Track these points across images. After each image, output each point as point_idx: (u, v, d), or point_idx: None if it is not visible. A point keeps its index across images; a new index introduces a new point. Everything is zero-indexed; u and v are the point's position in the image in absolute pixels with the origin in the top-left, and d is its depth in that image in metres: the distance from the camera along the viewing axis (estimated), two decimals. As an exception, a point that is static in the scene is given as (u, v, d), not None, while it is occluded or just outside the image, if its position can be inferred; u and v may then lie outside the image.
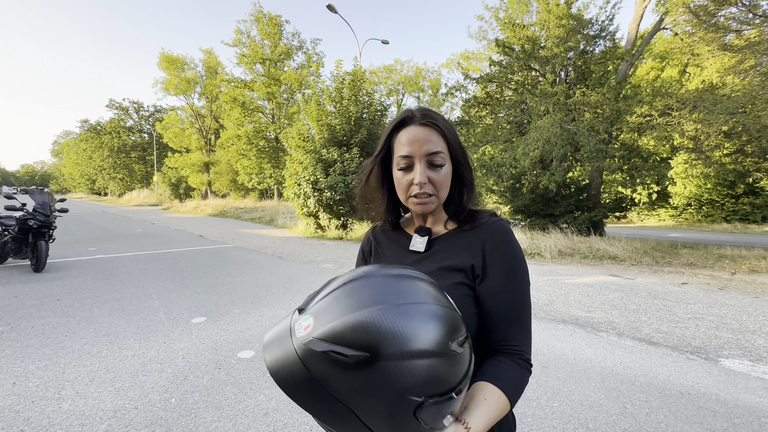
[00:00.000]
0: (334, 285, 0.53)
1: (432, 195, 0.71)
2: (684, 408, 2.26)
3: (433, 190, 0.71)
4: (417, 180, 0.70)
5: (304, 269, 6.29)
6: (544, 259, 7.59)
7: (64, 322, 3.53)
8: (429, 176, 0.70)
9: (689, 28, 8.68)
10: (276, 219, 15.61)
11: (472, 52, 27.31)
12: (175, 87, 28.34)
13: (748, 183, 15.88)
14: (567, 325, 3.72)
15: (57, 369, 2.61)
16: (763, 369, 2.80)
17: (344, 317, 0.47)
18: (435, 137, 0.70)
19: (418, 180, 0.70)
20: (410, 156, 0.70)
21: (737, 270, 6.31)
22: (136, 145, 44.45)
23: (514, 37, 10.80)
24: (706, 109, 7.29)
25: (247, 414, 2.13)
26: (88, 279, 5.25)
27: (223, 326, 3.51)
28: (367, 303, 0.48)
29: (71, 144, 56.13)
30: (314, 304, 0.52)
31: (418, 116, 0.72)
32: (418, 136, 0.70)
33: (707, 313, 4.11)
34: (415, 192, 0.71)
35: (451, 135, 0.73)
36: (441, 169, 0.71)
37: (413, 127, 0.71)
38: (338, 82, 10.93)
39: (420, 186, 0.70)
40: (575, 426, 2.07)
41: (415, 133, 0.70)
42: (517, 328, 0.70)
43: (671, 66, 16.95)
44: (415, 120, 0.72)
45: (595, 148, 8.21)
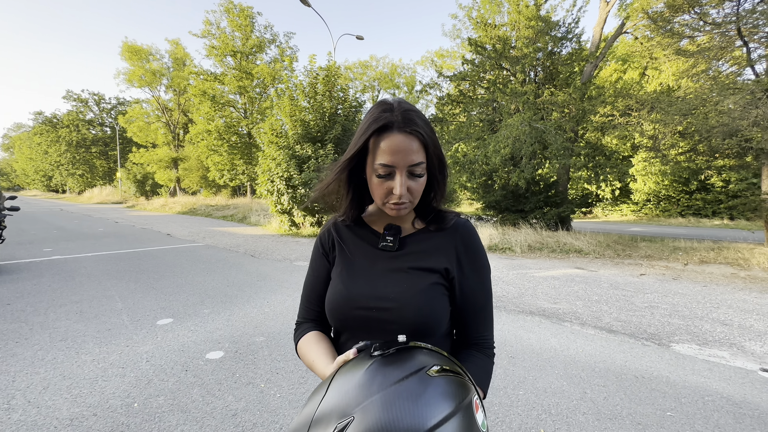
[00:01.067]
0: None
1: (408, 202, 0.72)
2: (638, 391, 2.41)
3: (409, 198, 0.71)
4: (398, 191, 0.68)
5: (277, 267, 6.19)
6: (515, 253, 7.84)
7: (14, 327, 3.31)
8: (409, 185, 0.70)
9: (648, 33, 9.17)
10: (249, 216, 15.24)
11: (446, 51, 27.65)
12: (140, 79, 26.96)
13: (700, 180, 17.02)
14: (534, 317, 3.86)
15: (6, 378, 2.44)
16: (708, 352, 3.03)
17: None
18: (416, 146, 0.68)
19: (399, 191, 0.68)
20: (392, 166, 0.68)
21: (689, 261, 6.77)
22: (97, 140, 41.95)
23: (486, 37, 11.03)
24: (662, 110, 7.74)
25: (214, 416, 2.08)
26: (43, 281, 4.94)
27: (191, 327, 3.41)
28: None
29: (24, 138, 52.31)
30: None
31: (400, 120, 0.68)
32: (401, 146, 0.67)
33: (662, 302, 4.39)
34: (394, 200, 0.70)
35: (431, 142, 0.71)
36: (420, 179, 0.71)
37: (397, 135, 0.67)
38: (312, 77, 10.77)
39: (399, 197, 0.69)
40: (539, 412, 2.16)
41: (398, 143, 0.67)
42: (486, 323, 0.77)
43: (632, 69, 17.86)
44: (397, 125, 0.67)
45: (561, 146, 8.54)
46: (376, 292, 0.72)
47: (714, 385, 2.50)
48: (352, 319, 0.73)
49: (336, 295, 0.76)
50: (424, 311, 0.69)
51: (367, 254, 0.78)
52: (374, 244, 0.79)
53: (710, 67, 8.40)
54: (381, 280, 0.73)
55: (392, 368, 0.49)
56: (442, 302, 0.72)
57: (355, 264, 0.78)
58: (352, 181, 0.78)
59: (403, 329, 0.68)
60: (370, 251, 0.78)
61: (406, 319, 0.69)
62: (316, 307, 0.83)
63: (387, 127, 0.68)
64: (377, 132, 0.69)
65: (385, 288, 0.72)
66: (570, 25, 10.24)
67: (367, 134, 0.69)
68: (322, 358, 0.72)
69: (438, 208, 0.80)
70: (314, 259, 0.86)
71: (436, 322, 0.71)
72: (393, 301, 0.70)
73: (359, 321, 0.72)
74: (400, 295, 0.70)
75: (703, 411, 2.19)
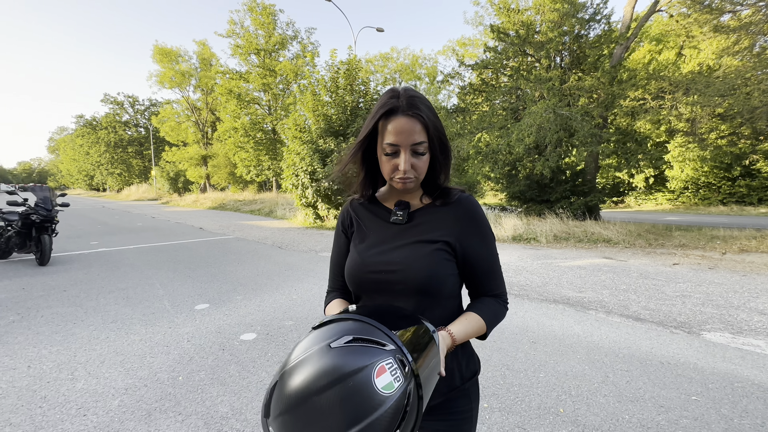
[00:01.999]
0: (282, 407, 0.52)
1: (413, 178, 0.82)
2: (663, 376, 2.39)
3: (414, 175, 0.81)
4: (402, 167, 0.79)
5: (303, 258, 6.41)
6: (540, 243, 7.72)
7: (71, 311, 3.66)
8: (412, 163, 0.79)
9: (684, 10, 8.64)
10: (275, 210, 15.71)
11: (468, 39, 27.05)
12: (170, 80, 28.10)
13: (744, 165, 15.94)
14: (558, 305, 3.85)
15: (68, 353, 2.74)
16: (742, 340, 2.94)
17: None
18: (419, 128, 0.77)
19: (403, 167, 0.79)
20: (397, 145, 0.78)
21: (728, 250, 6.44)
22: (132, 140, 44.22)
23: (509, 23, 10.75)
24: (699, 92, 7.33)
25: (250, 389, 2.26)
26: (93, 271, 5.37)
27: (226, 312, 3.64)
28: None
29: (67, 140, 55.81)
30: (273, 421, 0.54)
31: (404, 105, 0.77)
32: (405, 127, 0.77)
33: (695, 291, 4.24)
34: (399, 176, 0.81)
35: (432, 125, 0.79)
36: (422, 157, 0.80)
37: (401, 117, 0.77)
38: (333, 71, 10.90)
39: (404, 172, 0.79)
40: (558, 393, 2.20)
41: (402, 125, 0.77)
42: (496, 280, 0.88)
43: (667, 49, 16.83)
44: (402, 110, 0.77)
45: (589, 133, 8.26)
46: (384, 257, 0.83)
47: (745, 372, 2.44)
48: (365, 282, 0.85)
49: (351, 263, 0.88)
50: (425, 272, 0.79)
51: (379, 227, 0.90)
52: (386, 218, 0.90)
53: (755, 43, 7.85)
54: (390, 248, 0.85)
55: (313, 339, 0.56)
56: (444, 265, 0.82)
57: (369, 236, 0.90)
58: (365, 162, 0.90)
59: (408, 289, 0.79)
60: (382, 225, 0.90)
61: (411, 280, 0.79)
62: (340, 278, 0.97)
63: (393, 111, 0.78)
64: (384, 116, 0.79)
65: (392, 254, 0.83)
66: (598, 5, 9.79)
67: (375, 118, 0.80)
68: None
69: (444, 185, 0.89)
70: (336, 236, 0.99)
71: (438, 283, 0.80)
72: (398, 265, 0.81)
73: (372, 283, 0.83)
74: (404, 259, 0.81)
75: (731, 396, 2.15)
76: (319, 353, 0.53)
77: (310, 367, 0.52)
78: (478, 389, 0.87)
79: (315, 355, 0.53)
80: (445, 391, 0.80)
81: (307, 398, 0.50)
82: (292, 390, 0.52)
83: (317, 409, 0.50)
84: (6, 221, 5.99)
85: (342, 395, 0.50)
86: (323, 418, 0.50)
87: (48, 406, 2.07)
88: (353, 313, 0.60)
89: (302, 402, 0.51)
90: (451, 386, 0.81)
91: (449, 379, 0.81)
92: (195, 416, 1.99)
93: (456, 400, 0.82)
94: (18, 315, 3.53)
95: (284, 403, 0.52)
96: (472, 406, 0.84)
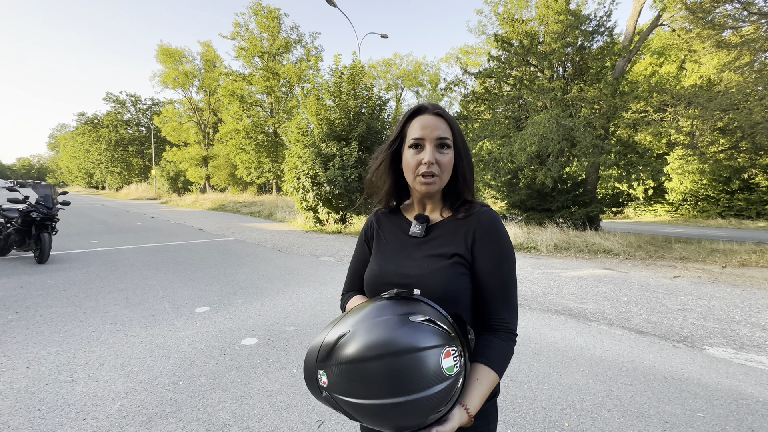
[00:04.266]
0: (346, 356, 0.60)
1: (437, 176, 0.82)
2: (667, 391, 2.38)
3: (438, 171, 0.82)
4: (426, 159, 0.80)
5: (303, 262, 6.39)
6: (540, 252, 7.72)
7: (71, 311, 3.63)
8: (436, 158, 0.81)
9: (686, 25, 8.74)
10: (275, 213, 15.68)
11: (471, 47, 27.25)
12: (173, 80, 28.19)
13: (743, 179, 16.03)
14: (560, 316, 3.84)
15: (68, 354, 2.71)
16: (745, 356, 2.93)
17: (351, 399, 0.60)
18: (444, 126, 0.82)
19: (428, 159, 0.80)
20: (422, 138, 0.81)
21: (728, 264, 6.45)
22: (133, 139, 44.22)
23: (513, 32, 10.84)
24: (700, 106, 7.39)
25: (252, 395, 2.23)
26: (92, 270, 5.34)
27: (226, 315, 3.61)
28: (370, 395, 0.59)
29: (68, 137, 55.78)
30: (329, 366, 0.63)
31: (430, 108, 0.84)
32: (430, 123, 0.81)
33: (696, 305, 4.24)
34: (423, 171, 0.81)
35: (456, 129, 0.85)
36: (447, 154, 0.82)
37: (426, 115, 0.83)
38: (337, 76, 10.95)
39: (428, 165, 0.80)
40: (563, 407, 2.19)
41: (428, 120, 0.82)
42: (504, 306, 0.81)
43: (669, 62, 17.00)
44: (428, 111, 0.83)
45: (591, 144, 8.31)
46: (399, 270, 0.84)
47: (750, 389, 2.43)
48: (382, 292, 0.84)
49: (370, 273, 0.90)
50: (441, 287, 0.78)
51: (398, 239, 0.91)
52: (406, 231, 0.91)
53: (756, 59, 7.93)
54: (406, 261, 0.85)
55: (388, 308, 0.63)
56: (458, 280, 0.80)
57: (388, 248, 0.91)
58: (392, 172, 0.92)
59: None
60: (401, 237, 0.90)
61: (426, 294, 0.79)
62: (358, 282, 0.99)
63: (419, 111, 0.85)
64: (411, 116, 0.85)
65: (407, 267, 0.83)
66: (602, 18, 9.90)
67: (404, 119, 0.86)
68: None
69: (466, 197, 0.88)
70: (358, 244, 1.01)
71: (453, 297, 0.79)
72: (413, 278, 0.81)
73: None
74: (420, 272, 0.81)
75: (736, 413, 2.14)
76: (398, 321, 0.59)
77: (389, 330, 0.58)
78: (496, 411, 0.86)
79: (395, 322, 0.59)
80: None
81: (383, 356, 0.57)
82: (367, 343, 0.58)
83: (391, 369, 0.57)
84: (6, 218, 5.96)
85: (415, 364, 0.57)
86: (394, 378, 0.57)
87: (47, 409, 2.04)
88: (428, 299, 0.67)
89: (377, 358, 0.57)
90: None
91: None
92: (196, 422, 1.97)
93: (475, 420, 0.79)
94: (16, 314, 3.50)
95: (357, 353, 0.58)
96: (491, 428, 0.83)
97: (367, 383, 0.58)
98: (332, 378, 0.61)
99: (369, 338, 0.58)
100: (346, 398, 0.60)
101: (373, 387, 0.58)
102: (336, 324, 0.66)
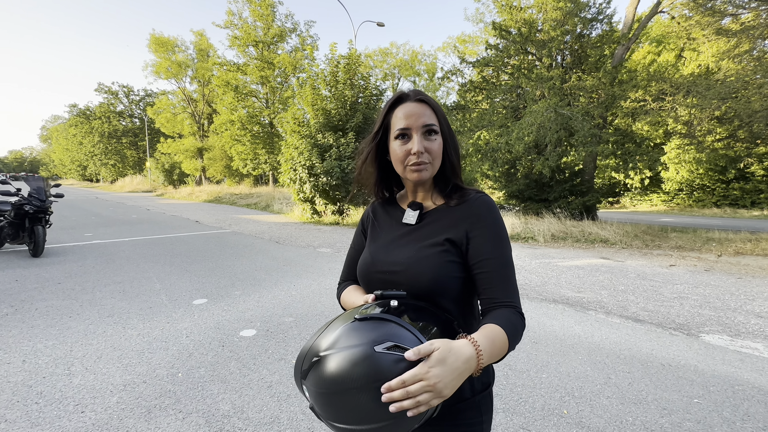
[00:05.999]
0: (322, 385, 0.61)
1: (428, 163, 0.79)
2: (664, 378, 2.40)
3: (429, 159, 0.79)
4: (415, 148, 0.77)
5: (301, 253, 6.37)
6: (538, 242, 7.74)
7: (67, 304, 3.60)
8: (425, 145, 0.78)
9: (686, 12, 8.65)
10: (272, 205, 15.61)
11: (468, 36, 26.94)
12: (166, 70, 27.69)
13: (739, 168, 16.08)
14: (558, 305, 3.86)
15: (64, 347, 2.69)
16: (741, 343, 2.96)
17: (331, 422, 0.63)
18: (428, 112, 0.79)
19: (417, 148, 0.77)
20: (408, 128, 0.78)
21: (723, 252, 6.50)
22: (127, 131, 43.63)
23: (511, 20, 10.68)
24: (699, 94, 7.35)
25: (251, 386, 2.23)
26: (88, 263, 5.29)
27: (225, 307, 3.60)
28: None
29: (60, 129, 54.97)
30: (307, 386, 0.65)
31: (412, 95, 0.80)
32: (415, 110, 0.78)
33: (692, 293, 4.27)
34: (413, 161, 0.78)
35: (441, 113, 0.81)
36: (435, 140, 0.79)
37: (409, 103, 0.79)
38: (333, 65, 10.79)
39: (418, 155, 0.77)
40: (562, 394, 2.20)
41: (411, 108, 0.78)
42: (507, 287, 0.77)
43: (667, 50, 16.87)
44: (410, 98, 0.80)
45: (589, 133, 8.27)
46: (389, 258, 0.83)
47: (745, 375, 2.45)
48: (373, 282, 0.85)
49: (362, 262, 0.89)
50: (428, 275, 0.77)
51: (391, 228, 0.89)
52: (399, 219, 0.89)
53: (755, 47, 7.88)
54: (396, 249, 0.84)
55: (358, 333, 0.62)
56: (447, 268, 0.77)
57: (381, 236, 0.90)
58: (377, 163, 0.89)
59: (412, 290, 0.77)
60: (394, 225, 0.89)
61: (413, 282, 0.78)
62: (354, 272, 0.97)
63: (401, 99, 0.81)
64: (394, 105, 0.81)
65: (397, 255, 0.82)
66: (601, 5, 9.76)
67: (386, 109, 0.82)
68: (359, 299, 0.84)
69: (456, 183, 0.87)
70: (356, 234, 1.00)
71: (441, 285, 0.77)
72: (401, 265, 0.80)
73: (379, 282, 0.83)
74: (407, 259, 0.80)
75: (732, 399, 2.17)
76: (363, 353, 0.59)
77: (353, 364, 0.58)
78: (491, 401, 0.81)
79: (360, 353, 0.59)
80: (452, 403, 0.74)
81: (345, 391, 0.58)
82: (332, 376, 0.60)
83: (353, 400, 0.58)
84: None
85: (377, 395, 0.56)
86: (356, 409, 0.59)
87: (44, 402, 2.03)
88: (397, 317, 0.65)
89: (341, 392, 0.59)
90: (460, 398, 0.75)
91: (458, 391, 0.71)
92: (196, 414, 1.96)
93: (463, 412, 0.76)
94: (12, 308, 3.46)
95: (324, 384, 0.61)
96: (482, 419, 0.78)
97: (337, 410, 0.61)
98: (311, 397, 0.64)
99: (336, 369, 0.59)
100: (323, 418, 0.64)
101: (341, 414, 0.60)
102: (321, 334, 0.66)
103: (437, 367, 0.56)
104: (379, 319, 0.64)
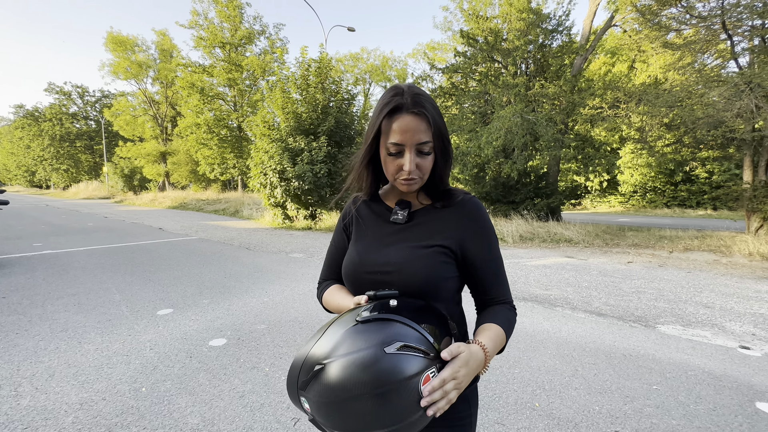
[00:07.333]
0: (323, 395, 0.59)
1: (418, 178, 0.79)
2: (626, 367, 2.54)
3: (419, 175, 0.78)
4: (407, 168, 0.76)
5: (273, 259, 6.22)
6: (507, 243, 7.99)
7: (13, 319, 3.31)
8: (417, 163, 0.77)
9: (636, 26, 9.30)
10: (241, 210, 15.15)
11: (437, 43, 27.54)
12: (125, 70, 26.32)
13: (685, 171, 17.42)
14: (527, 302, 3.99)
15: (10, 367, 2.46)
16: (692, 332, 3.19)
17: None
18: (424, 127, 0.75)
19: (408, 168, 0.76)
20: (401, 144, 0.75)
21: (674, 249, 7.00)
22: (81, 134, 40.95)
23: (478, 29, 11.06)
24: (649, 103, 7.91)
25: (222, 398, 2.14)
26: (37, 275, 4.90)
27: (192, 317, 3.44)
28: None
29: (4, 132, 50.70)
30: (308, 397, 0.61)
31: (409, 103, 0.74)
32: (410, 126, 0.74)
33: (648, 287, 4.56)
34: (404, 176, 0.77)
35: (437, 123, 0.76)
36: (427, 157, 0.78)
37: (406, 115, 0.74)
38: (304, 69, 10.68)
39: (409, 173, 0.76)
40: (533, 388, 2.27)
41: (407, 123, 0.74)
42: (501, 286, 0.84)
43: (621, 61, 18.08)
44: (407, 108, 0.74)
45: (552, 138, 8.68)
46: (380, 258, 0.81)
47: (696, 361, 2.64)
48: (363, 282, 0.82)
49: (349, 262, 0.86)
50: (421, 275, 0.77)
51: (379, 227, 0.87)
52: (386, 218, 0.87)
53: (696, 60, 8.59)
54: (387, 249, 0.82)
55: (364, 336, 0.60)
56: (442, 268, 0.79)
57: (368, 235, 0.87)
58: (371, 167, 0.87)
59: (404, 290, 0.76)
60: (381, 224, 0.87)
61: (406, 282, 0.77)
62: (335, 270, 0.95)
63: (397, 109, 0.75)
64: (389, 114, 0.76)
65: (388, 255, 0.81)
66: (560, 17, 10.33)
67: (380, 117, 0.76)
68: (346, 299, 0.83)
69: (443, 187, 0.86)
70: (336, 232, 0.97)
71: (435, 286, 0.78)
72: (394, 265, 0.79)
73: (368, 283, 0.81)
74: (400, 260, 0.79)
75: (686, 384, 2.32)
76: (373, 356, 0.57)
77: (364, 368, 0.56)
78: (477, 396, 0.86)
79: (370, 356, 0.57)
80: None
81: (356, 397, 0.55)
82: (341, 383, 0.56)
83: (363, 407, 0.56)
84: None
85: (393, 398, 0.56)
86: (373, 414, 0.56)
87: (-13, 428, 1.85)
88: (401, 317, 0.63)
89: (351, 399, 0.56)
90: None
91: None
92: (161, 429, 1.85)
93: (455, 406, 0.79)
94: (-53, 326, 3.14)
95: (332, 393, 0.57)
96: (471, 412, 0.83)
97: (345, 419, 0.58)
98: (313, 408, 0.61)
99: (344, 376, 0.56)
100: (328, 429, 0.61)
101: (351, 422, 0.58)
102: (317, 341, 0.63)
103: (464, 367, 0.62)
104: (382, 320, 0.63)
